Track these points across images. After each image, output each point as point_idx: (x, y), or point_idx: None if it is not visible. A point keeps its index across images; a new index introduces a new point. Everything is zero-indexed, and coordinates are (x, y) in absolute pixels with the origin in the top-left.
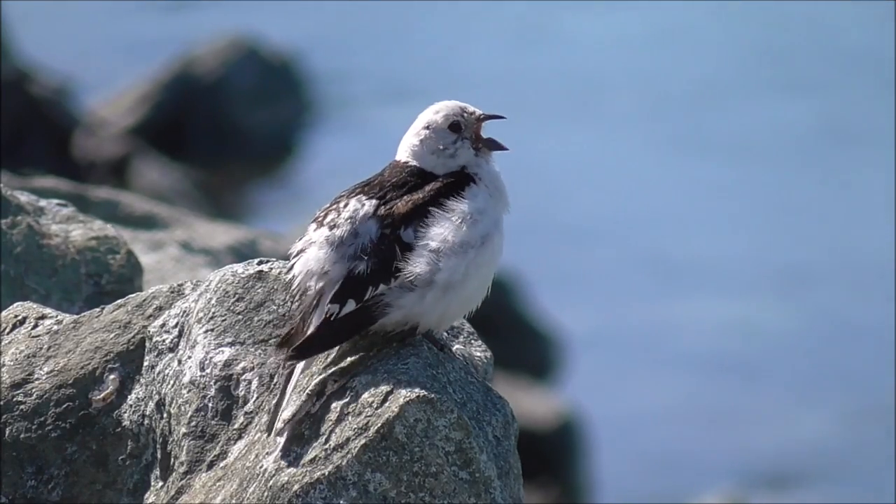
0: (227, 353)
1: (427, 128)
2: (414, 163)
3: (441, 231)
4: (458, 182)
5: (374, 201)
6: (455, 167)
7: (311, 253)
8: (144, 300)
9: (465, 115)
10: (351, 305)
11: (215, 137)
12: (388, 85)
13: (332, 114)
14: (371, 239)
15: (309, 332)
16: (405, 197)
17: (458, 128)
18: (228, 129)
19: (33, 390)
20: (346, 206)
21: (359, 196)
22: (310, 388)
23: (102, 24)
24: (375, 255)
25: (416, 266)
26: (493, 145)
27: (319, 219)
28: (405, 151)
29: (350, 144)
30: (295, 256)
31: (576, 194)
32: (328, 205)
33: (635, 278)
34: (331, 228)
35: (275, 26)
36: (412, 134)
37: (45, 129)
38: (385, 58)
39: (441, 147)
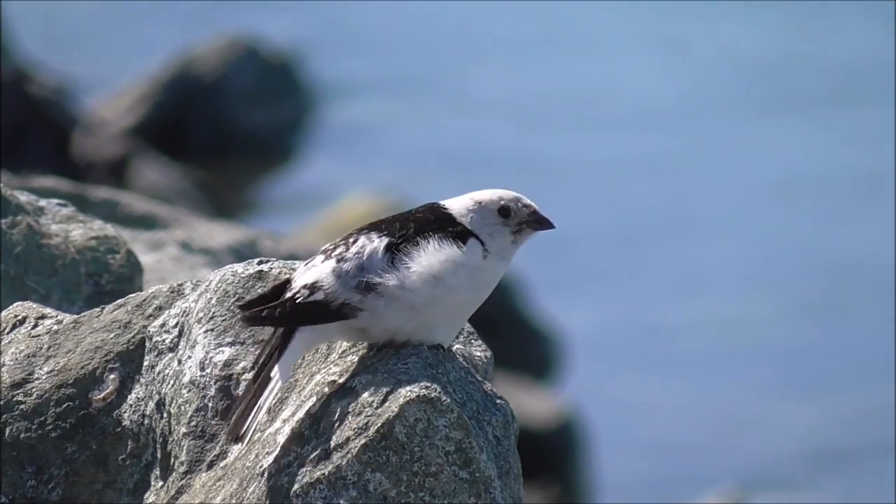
0: (228, 352)
1: (479, 203)
2: (450, 212)
3: (421, 256)
4: (463, 235)
5: (386, 239)
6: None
7: (311, 272)
8: (144, 300)
9: (519, 205)
10: (320, 296)
11: (215, 137)
12: (387, 85)
13: (331, 114)
14: (376, 271)
15: (269, 306)
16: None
17: (507, 213)
18: (228, 129)
19: (33, 390)
20: (355, 241)
21: (369, 233)
22: (309, 387)
23: (102, 24)
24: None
25: (390, 279)
26: (539, 227)
27: (328, 250)
28: (454, 202)
29: (350, 144)
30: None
31: (576, 193)
32: (337, 239)
33: (635, 278)
34: (338, 261)
35: (275, 26)
36: (468, 198)
37: (44, 129)
38: (385, 58)
39: (484, 223)
